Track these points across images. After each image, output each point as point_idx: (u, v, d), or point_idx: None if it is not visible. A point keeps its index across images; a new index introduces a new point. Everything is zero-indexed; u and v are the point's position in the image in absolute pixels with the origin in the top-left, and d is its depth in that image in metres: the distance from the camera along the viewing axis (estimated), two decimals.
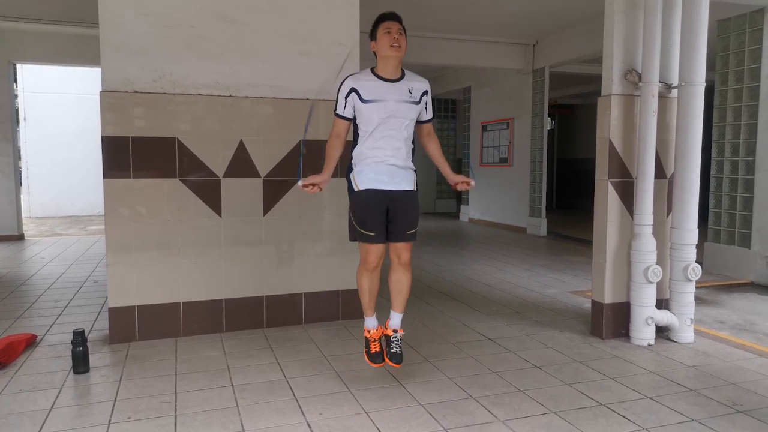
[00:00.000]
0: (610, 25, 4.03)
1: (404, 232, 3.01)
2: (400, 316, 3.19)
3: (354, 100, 2.96)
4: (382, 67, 3.01)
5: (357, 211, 3.00)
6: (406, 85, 3.02)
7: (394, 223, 3.00)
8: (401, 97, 2.97)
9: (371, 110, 2.93)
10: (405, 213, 3.01)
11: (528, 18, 7.95)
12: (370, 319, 3.23)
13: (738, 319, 4.68)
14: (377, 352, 3.13)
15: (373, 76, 3.00)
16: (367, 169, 2.99)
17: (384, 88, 2.96)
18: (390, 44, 2.94)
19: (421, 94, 3.06)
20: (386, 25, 2.98)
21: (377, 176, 2.98)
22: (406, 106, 2.99)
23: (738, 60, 6.22)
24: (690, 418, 2.86)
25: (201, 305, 4.16)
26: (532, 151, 9.83)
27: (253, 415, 2.86)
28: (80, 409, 2.97)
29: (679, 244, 3.99)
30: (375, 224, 2.95)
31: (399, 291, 3.11)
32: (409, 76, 3.07)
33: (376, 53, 3.02)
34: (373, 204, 2.96)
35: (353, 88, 2.96)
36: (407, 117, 3.00)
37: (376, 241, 2.96)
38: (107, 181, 3.90)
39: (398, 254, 3.03)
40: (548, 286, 5.85)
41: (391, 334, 3.18)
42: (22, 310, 4.82)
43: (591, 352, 3.84)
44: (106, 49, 3.84)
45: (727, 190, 6.40)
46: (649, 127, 3.92)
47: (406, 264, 3.06)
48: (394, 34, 2.96)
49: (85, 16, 7.44)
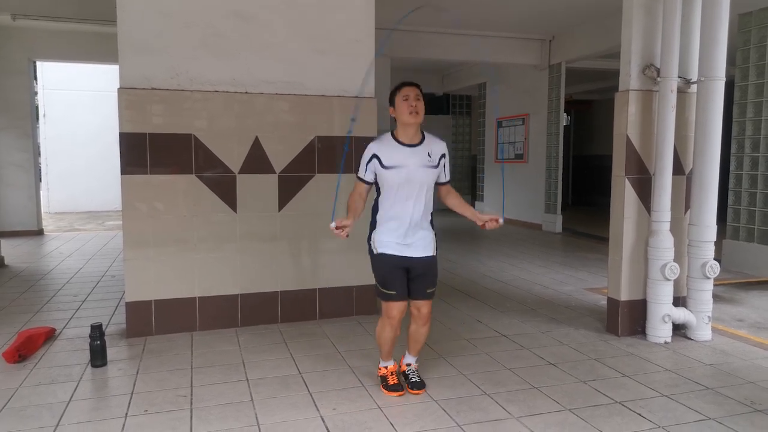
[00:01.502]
0: (629, 20, 3.98)
1: (424, 291, 3.09)
2: (415, 359, 3.26)
3: (375, 166, 3.01)
4: (402, 132, 3.05)
5: (378, 272, 3.08)
6: (425, 150, 3.05)
7: (414, 282, 3.07)
8: (421, 162, 3.01)
9: (392, 176, 2.99)
10: (425, 275, 3.08)
11: (545, 13, 7.88)
12: (388, 362, 3.26)
13: (757, 317, 4.61)
14: (396, 383, 3.17)
15: (394, 142, 3.04)
16: (387, 234, 3.04)
17: (404, 154, 3.01)
18: (408, 111, 2.98)
19: (439, 157, 3.10)
20: (404, 92, 3.02)
21: (396, 242, 3.03)
22: (426, 170, 3.03)
23: (759, 55, 6.11)
24: (707, 416, 2.83)
25: (216, 300, 4.19)
26: (548, 148, 9.76)
27: (268, 410, 2.88)
28: (98, 401, 3.02)
29: (697, 241, 3.94)
30: (396, 284, 3.02)
31: (416, 341, 3.19)
32: (428, 140, 3.10)
33: (396, 118, 3.07)
34: (393, 266, 3.03)
35: (375, 154, 3.01)
36: (426, 181, 3.05)
37: (397, 299, 3.03)
38: (125, 177, 3.94)
39: (418, 308, 3.11)
40: (564, 283, 5.81)
41: (405, 368, 3.24)
42: (42, 304, 4.90)
43: (606, 349, 3.81)
44: (124, 47, 3.87)
45: (747, 187, 6.30)
46: (668, 123, 3.87)
47: (426, 318, 3.12)
48: (412, 101, 2.99)
49: (104, 14, 7.51)
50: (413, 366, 3.23)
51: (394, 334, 3.11)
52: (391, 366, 3.22)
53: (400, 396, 3.07)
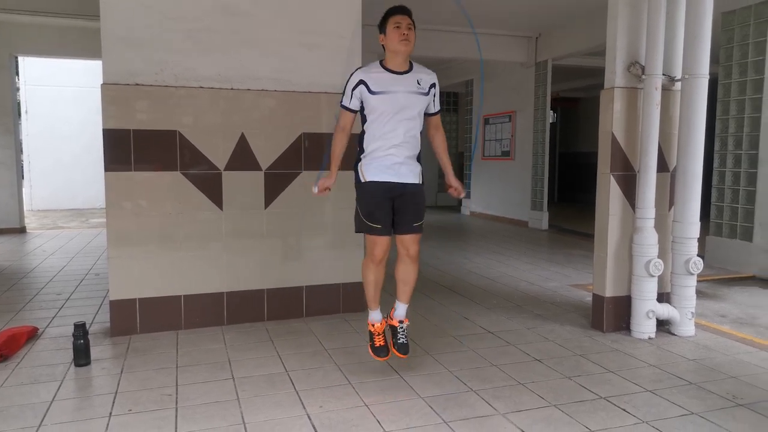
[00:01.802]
0: (614, 17, 4.01)
1: (411, 224, 3.03)
2: (405, 306, 3.21)
3: (362, 92, 2.97)
4: (391, 60, 3.02)
5: (364, 202, 3.02)
6: (414, 77, 3.02)
7: (400, 214, 3.01)
8: (410, 89, 2.98)
9: (380, 102, 2.94)
10: (411, 205, 3.02)
11: (531, 10, 7.91)
12: (375, 312, 3.24)
13: (739, 312, 4.67)
14: (382, 345, 3.14)
15: (381, 69, 3.01)
16: (374, 161, 3.00)
17: (393, 80, 2.97)
18: (399, 39, 2.94)
19: (429, 86, 3.07)
20: (396, 19, 2.98)
21: (384, 168, 2.99)
22: (415, 97, 2.99)
23: (742, 52, 6.18)
24: (690, 411, 2.86)
25: (202, 298, 4.16)
26: (535, 145, 9.80)
27: (254, 408, 2.87)
28: (81, 401, 2.99)
29: (680, 238, 3.98)
30: (381, 216, 2.97)
31: (406, 282, 3.12)
32: (417, 68, 3.07)
33: (385, 46, 3.02)
34: (380, 196, 2.98)
35: (362, 80, 2.97)
36: (416, 108, 3.01)
37: (382, 233, 2.98)
38: (108, 174, 3.89)
39: (406, 247, 3.04)
40: (549, 279, 5.85)
41: (397, 324, 3.19)
42: (24, 303, 4.84)
43: (591, 345, 3.84)
44: (107, 42, 3.82)
45: (730, 184, 6.38)
46: (652, 120, 3.90)
47: (415, 256, 3.07)
48: (404, 29, 2.96)
49: (87, 8, 7.42)
50: (405, 323, 3.17)
51: (378, 275, 3.06)
52: (378, 323, 3.17)
53: (385, 360, 3.03)
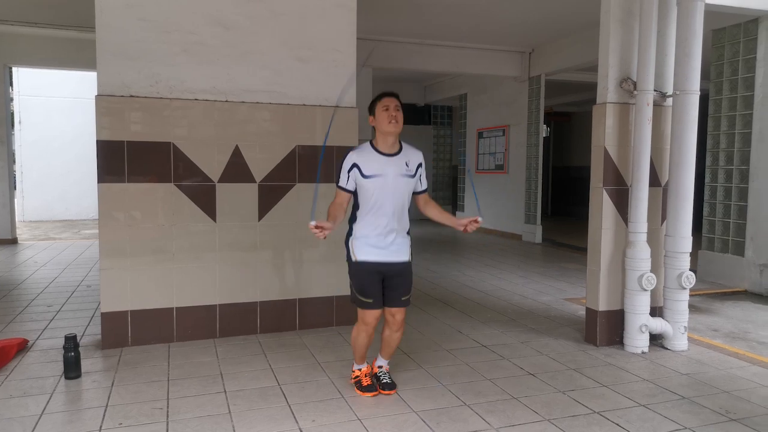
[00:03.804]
0: (606, 34, 4.05)
1: (399, 299, 3.16)
2: (386, 362, 3.36)
3: (355, 175, 3.06)
4: (381, 141, 3.11)
5: (355, 279, 3.14)
6: (403, 159, 3.12)
7: (389, 290, 3.14)
8: (399, 171, 3.08)
9: (371, 184, 3.05)
10: (400, 281, 3.15)
11: (524, 26, 7.99)
12: (362, 365, 3.35)
13: (732, 327, 4.69)
14: (370, 384, 3.27)
15: (373, 151, 3.10)
16: (365, 240, 3.10)
17: (383, 162, 3.07)
18: (388, 121, 3.04)
19: (416, 166, 3.17)
20: (384, 102, 3.09)
21: (374, 247, 3.09)
22: (404, 180, 3.10)
23: (732, 69, 6.26)
24: (683, 426, 2.86)
25: (194, 310, 4.14)
26: (528, 159, 9.85)
27: (246, 422, 2.85)
28: (71, 414, 2.95)
29: (673, 252, 4.00)
30: (372, 292, 3.09)
31: (389, 345, 3.29)
32: (405, 150, 3.17)
33: (375, 128, 3.13)
34: (370, 274, 3.09)
35: (355, 163, 3.06)
36: (404, 189, 3.12)
37: (373, 307, 3.11)
38: (102, 186, 3.88)
39: (393, 315, 3.18)
40: (543, 293, 5.85)
41: (377, 370, 3.35)
42: (14, 315, 4.79)
43: (585, 359, 3.84)
44: (102, 54, 3.83)
45: (721, 199, 6.42)
46: (644, 136, 3.93)
47: (400, 324, 3.20)
48: (392, 111, 3.06)
49: (82, 20, 7.44)
50: (384, 368, 3.34)
51: (369, 340, 3.22)
52: (364, 368, 3.33)
53: (374, 396, 3.18)
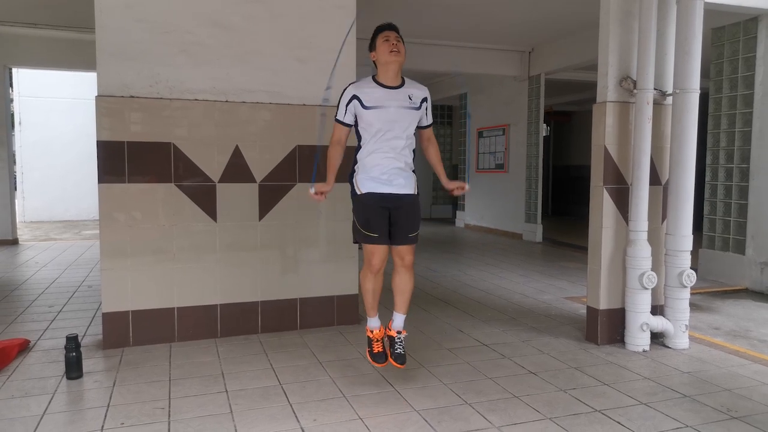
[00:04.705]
0: (605, 33, 4.05)
1: (406, 235, 3.08)
2: (403, 317, 3.25)
3: (355, 107, 3.03)
4: (383, 74, 3.09)
5: (360, 213, 3.07)
6: (406, 92, 3.09)
7: (396, 226, 3.06)
8: (402, 103, 3.05)
9: (373, 116, 3.00)
10: (407, 216, 3.07)
11: (524, 25, 7.99)
12: (373, 319, 3.28)
13: (733, 325, 4.69)
14: (380, 352, 3.18)
15: (374, 84, 3.08)
16: (369, 173, 3.06)
17: (385, 94, 3.03)
18: (389, 50, 3.03)
19: (421, 100, 3.14)
20: (384, 34, 3.09)
21: (379, 180, 3.05)
22: (407, 111, 3.06)
23: (732, 68, 6.26)
24: (685, 424, 2.86)
25: (196, 310, 4.14)
26: (528, 158, 9.85)
27: (248, 422, 2.85)
28: (73, 414, 2.96)
29: (673, 251, 4.00)
30: (378, 225, 3.01)
31: (402, 292, 3.17)
32: (408, 84, 3.15)
33: (376, 62, 3.11)
34: (375, 206, 3.03)
35: (355, 95, 3.03)
36: (408, 122, 3.07)
37: (379, 242, 3.02)
38: (102, 186, 3.89)
39: (401, 257, 3.09)
40: (544, 292, 5.85)
41: (395, 335, 3.23)
42: (16, 315, 4.80)
43: (586, 358, 3.84)
44: (102, 54, 3.84)
45: (722, 197, 6.43)
46: (644, 134, 3.93)
47: (409, 266, 3.12)
48: (393, 40, 3.06)
49: (81, 21, 7.45)
50: (402, 334, 3.21)
51: (376, 286, 3.11)
52: (377, 330, 3.22)
53: (382, 366, 3.09)
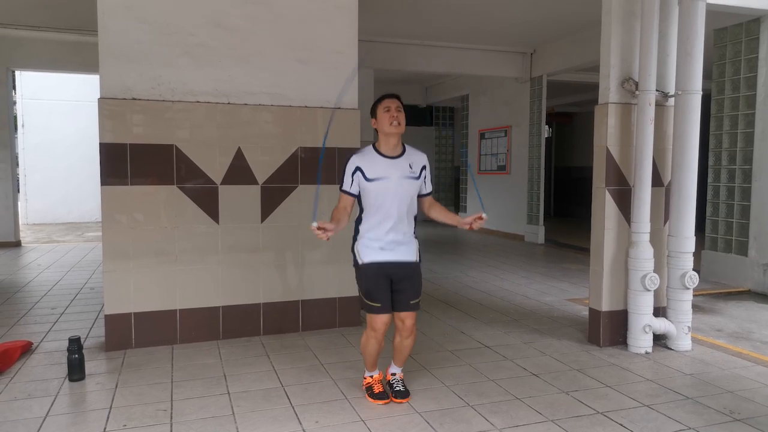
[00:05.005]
0: (607, 34, 4.05)
1: (408, 302, 3.10)
2: (400, 369, 3.27)
3: (359, 179, 3.04)
4: (384, 143, 3.09)
5: (362, 283, 3.09)
6: (406, 161, 3.09)
7: (398, 293, 3.08)
8: (403, 173, 3.05)
9: (375, 188, 3.02)
10: (409, 285, 3.09)
11: (525, 26, 7.99)
12: (374, 372, 3.28)
13: (735, 327, 4.68)
14: (381, 391, 3.18)
15: (376, 154, 3.08)
16: (371, 242, 3.07)
17: (386, 165, 3.04)
18: (390, 122, 3.02)
19: (420, 168, 3.14)
20: (385, 103, 3.07)
21: (381, 249, 3.06)
22: (408, 182, 3.07)
23: (734, 69, 6.25)
24: (687, 426, 2.85)
25: (198, 312, 4.15)
26: (530, 159, 9.85)
27: (249, 423, 2.85)
28: (75, 416, 2.96)
29: (676, 252, 4.00)
30: (380, 296, 3.03)
31: (401, 352, 3.20)
32: (409, 152, 3.14)
33: (377, 130, 3.11)
34: (377, 276, 3.04)
35: (358, 167, 3.04)
36: (409, 191, 3.08)
37: (381, 311, 3.04)
38: (105, 188, 3.89)
39: (403, 320, 3.11)
40: (546, 293, 5.85)
41: (390, 377, 3.26)
42: (18, 317, 4.80)
43: (588, 359, 3.83)
44: (104, 57, 3.84)
45: (724, 198, 6.41)
46: (646, 136, 3.93)
47: (410, 330, 3.13)
48: (393, 112, 3.04)
49: (84, 23, 7.46)
50: (398, 375, 3.24)
51: (378, 347, 3.12)
52: (376, 375, 3.24)
53: (386, 404, 3.08)
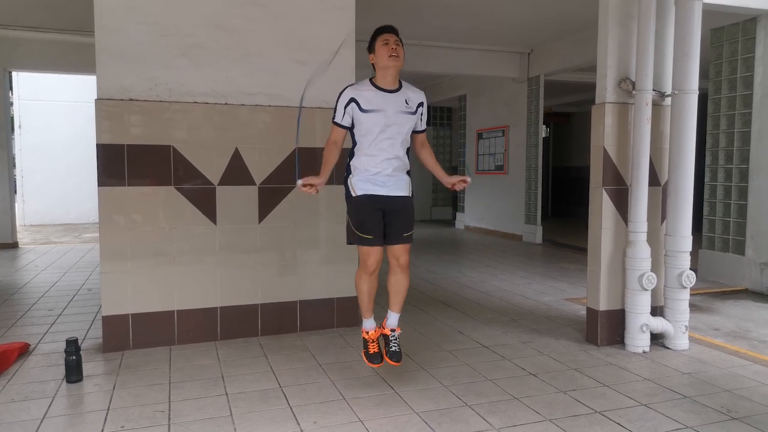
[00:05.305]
0: (604, 34, 4.06)
1: (401, 235, 3.09)
2: (397, 316, 3.26)
3: (353, 110, 3.04)
4: (381, 77, 3.08)
5: (354, 214, 3.08)
6: (403, 96, 3.10)
7: (390, 226, 3.07)
8: (399, 108, 3.06)
9: (370, 120, 3.01)
10: (401, 216, 3.09)
11: (523, 27, 8.00)
12: (369, 321, 3.29)
13: (733, 326, 4.69)
14: (376, 352, 3.19)
15: (372, 87, 3.08)
16: (364, 176, 3.08)
17: (382, 98, 3.04)
18: (389, 54, 3.02)
19: (417, 104, 3.14)
20: (384, 37, 3.07)
21: (374, 182, 3.07)
22: (403, 116, 3.07)
23: (731, 68, 6.26)
24: (685, 425, 2.86)
25: (195, 313, 4.14)
26: (528, 159, 9.86)
27: (248, 424, 2.85)
28: (73, 418, 2.95)
29: (673, 252, 4.00)
30: (372, 227, 3.02)
31: (397, 292, 3.18)
32: (406, 87, 3.15)
33: (375, 65, 3.11)
34: (370, 208, 3.04)
35: (353, 98, 3.04)
36: (404, 127, 3.08)
37: (374, 243, 3.03)
38: (102, 189, 3.89)
39: (397, 257, 3.10)
40: (544, 293, 5.85)
41: (389, 333, 3.24)
42: (16, 319, 4.79)
43: (586, 359, 3.84)
44: (101, 57, 3.84)
45: (721, 198, 6.43)
46: (643, 135, 3.94)
47: (405, 266, 3.13)
48: (392, 44, 3.05)
49: (81, 24, 7.45)
50: (396, 331, 3.22)
51: (371, 286, 3.12)
52: (372, 331, 3.23)
53: (379, 367, 3.09)
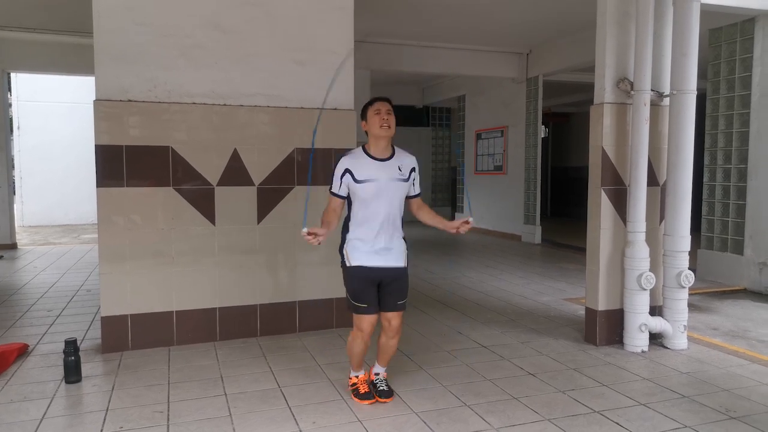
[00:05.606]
0: (603, 35, 4.06)
1: (395, 303, 3.11)
2: (384, 369, 3.29)
3: (348, 181, 3.05)
4: (374, 146, 3.11)
5: (350, 284, 3.10)
6: (396, 163, 3.11)
7: (385, 294, 3.10)
8: (392, 176, 3.07)
9: (364, 189, 3.03)
10: (396, 287, 3.11)
11: (522, 27, 8.00)
12: (359, 372, 3.30)
13: (731, 325, 4.69)
14: (367, 392, 3.21)
15: (365, 156, 3.09)
16: (359, 245, 3.08)
17: (376, 167, 3.06)
18: (380, 125, 3.03)
19: (409, 170, 3.16)
20: (376, 106, 3.08)
21: (369, 252, 3.07)
22: (397, 184, 3.09)
23: (729, 68, 6.27)
24: (684, 424, 2.86)
25: (194, 314, 4.14)
26: (527, 159, 9.86)
27: (247, 425, 2.85)
28: (72, 418, 2.95)
29: (671, 251, 4.01)
30: (367, 297, 3.05)
31: (386, 352, 3.22)
32: (398, 154, 3.16)
33: (368, 132, 3.13)
34: (365, 279, 3.06)
35: (347, 168, 3.06)
36: (398, 194, 3.10)
37: (368, 312, 3.06)
38: (101, 190, 3.89)
39: (389, 320, 3.13)
40: (543, 293, 5.86)
41: (374, 378, 3.27)
42: (14, 320, 4.79)
43: (585, 359, 3.84)
44: (100, 58, 3.84)
45: (720, 197, 6.43)
46: (642, 135, 3.94)
47: (396, 330, 3.15)
48: (384, 114, 3.05)
49: (80, 25, 7.45)
50: (382, 375, 3.27)
51: (365, 347, 3.15)
52: (362, 375, 3.27)
53: (371, 404, 3.11)
